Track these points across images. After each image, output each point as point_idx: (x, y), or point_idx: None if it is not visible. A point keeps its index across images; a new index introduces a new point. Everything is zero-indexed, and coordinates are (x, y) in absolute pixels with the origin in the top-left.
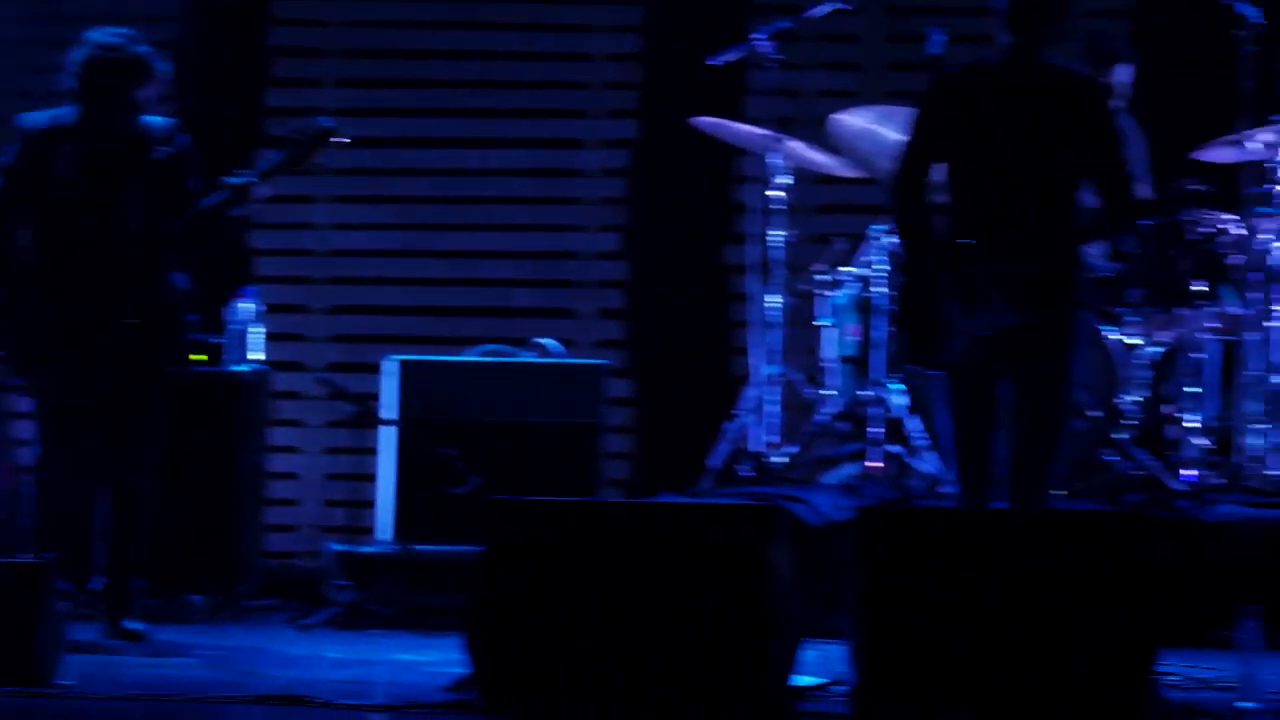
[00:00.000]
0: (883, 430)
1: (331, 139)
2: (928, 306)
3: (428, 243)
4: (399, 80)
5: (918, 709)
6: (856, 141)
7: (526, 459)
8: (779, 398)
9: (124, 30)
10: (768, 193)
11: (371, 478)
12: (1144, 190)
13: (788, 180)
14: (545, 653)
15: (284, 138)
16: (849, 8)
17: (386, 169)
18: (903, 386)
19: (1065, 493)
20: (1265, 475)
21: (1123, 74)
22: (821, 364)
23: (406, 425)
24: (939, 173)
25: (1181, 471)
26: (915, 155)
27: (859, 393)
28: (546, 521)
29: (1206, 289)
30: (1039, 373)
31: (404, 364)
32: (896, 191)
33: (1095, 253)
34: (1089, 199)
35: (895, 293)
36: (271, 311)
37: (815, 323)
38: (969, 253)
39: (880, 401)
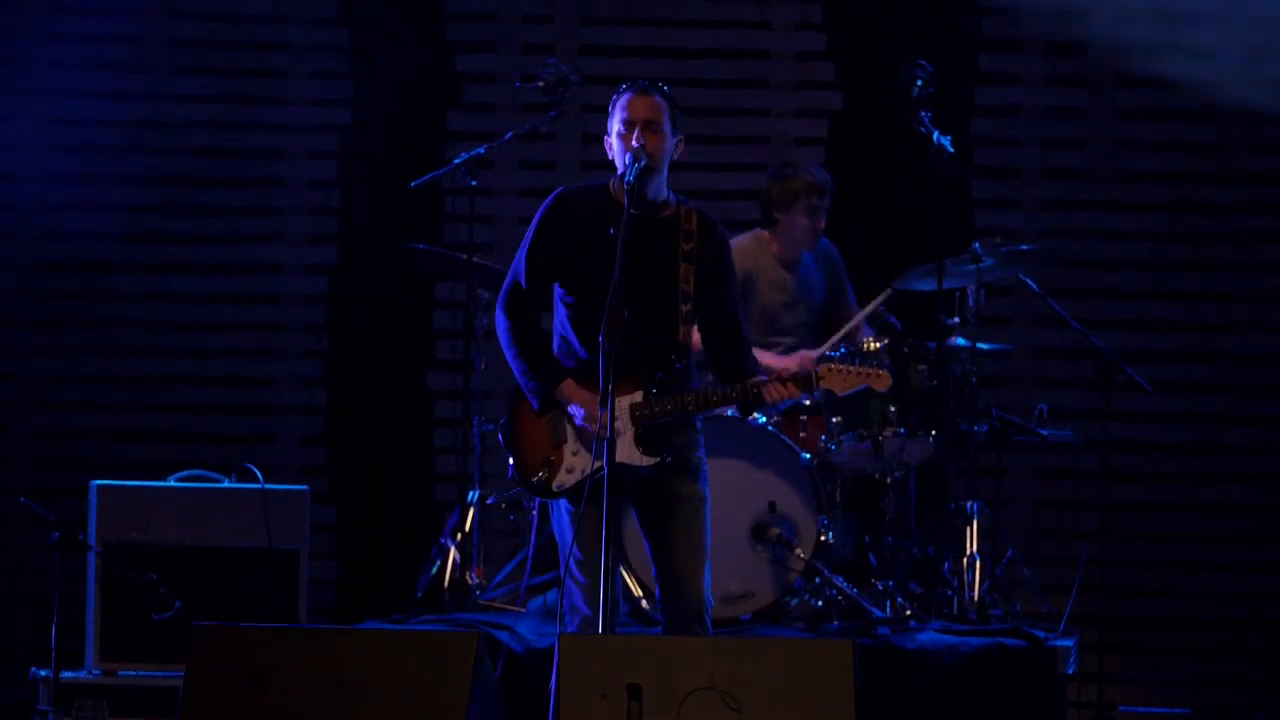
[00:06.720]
0: None
1: None
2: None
3: (129, 368)
4: (91, 204)
5: None
6: None
7: (230, 584)
8: (482, 524)
9: None
10: (467, 318)
11: (78, 602)
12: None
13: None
14: None
15: None
16: (544, 129)
17: (86, 293)
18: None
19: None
20: (965, 602)
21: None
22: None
23: (106, 550)
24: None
25: (884, 598)
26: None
27: None
28: (251, 647)
29: (902, 417)
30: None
31: (100, 489)
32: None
33: None
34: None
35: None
36: None
37: None
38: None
39: None
